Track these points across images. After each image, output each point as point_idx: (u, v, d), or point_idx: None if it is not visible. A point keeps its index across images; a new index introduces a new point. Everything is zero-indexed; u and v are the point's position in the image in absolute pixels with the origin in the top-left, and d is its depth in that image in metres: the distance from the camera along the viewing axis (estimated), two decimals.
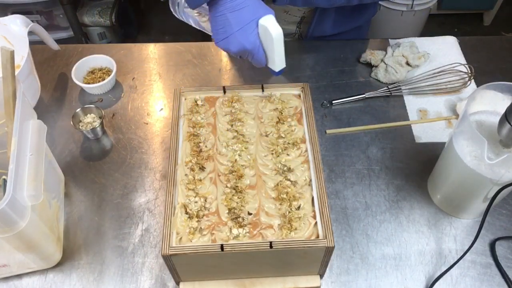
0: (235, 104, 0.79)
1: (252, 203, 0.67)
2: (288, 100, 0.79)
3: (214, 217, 0.66)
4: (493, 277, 0.75)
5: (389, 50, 1.05)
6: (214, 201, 0.68)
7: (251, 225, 0.65)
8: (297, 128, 0.76)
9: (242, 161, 0.72)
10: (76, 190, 0.86)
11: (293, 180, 0.69)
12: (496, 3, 2.39)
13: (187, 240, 0.64)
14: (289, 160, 0.72)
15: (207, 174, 0.71)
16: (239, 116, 0.77)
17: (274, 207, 0.67)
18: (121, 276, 0.76)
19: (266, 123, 0.77)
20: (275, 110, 0.78)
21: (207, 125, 0.77)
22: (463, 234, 0.80)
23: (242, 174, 0.70)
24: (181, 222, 0.65)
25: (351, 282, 0.75)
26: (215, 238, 0.64)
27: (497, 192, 0.68)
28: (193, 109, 0.79)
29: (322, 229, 0.63)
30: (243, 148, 0.73)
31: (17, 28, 0.96)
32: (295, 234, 0.64)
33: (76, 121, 0.93)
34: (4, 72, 0.67)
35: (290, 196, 0.67)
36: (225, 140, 0.74)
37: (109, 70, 1.04)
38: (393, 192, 0.85)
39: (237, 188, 0.69)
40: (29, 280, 0.75)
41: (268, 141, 0.74)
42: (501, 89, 0.71)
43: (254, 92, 0.81)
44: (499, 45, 1.13)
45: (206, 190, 0.69)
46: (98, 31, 2.20)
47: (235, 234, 0.64)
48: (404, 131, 0.95)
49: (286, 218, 0.65)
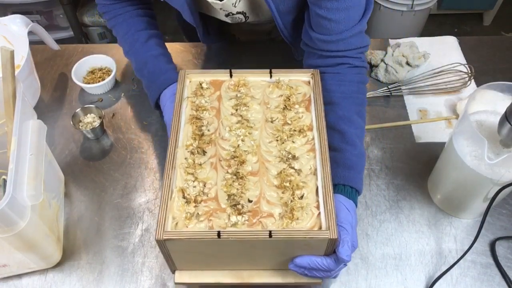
0: (242, 88, 0.76)
1: (253, 190, 0.65)
2: (296, 86, 0.76)
3: (212, 203, 0.63)
4: (493, 277, 0.75)
5: (389, 50, 1.05)
6: (214, 187, 0.65)
7: (250, 213, 0.62)
8: (304, 115, 0.72)
9: (245, 146, 0.69)
10: (76, 190, 0.86)
11: (297, 169, 0.66)
12: (496, 3, 2.39)
13: (183, 226, 0.61)
14: (294, 147, 0.69)
15: (208, 158, 0.68)
16: (245, 100, 0.74)
17: (276, 195, 0.64)
18: (121, 276, 0.76)
19: (273, 108, 0.74)
20: (283, 96, 0.75)
21: (211, 108, 0.74)
22: (463, 234, 0.80)
23: (244, 160, 0.67)
24: (178, 207, 0.62)
25: (351, 282, 0.75)
26: (213, 224, 0.61)
27: (497, 192, 0.68)
28: (198, 92, 0.76)
29: (326, 220, 0.60)
30: (246, 134, 0.70)
31: (17, 28, 0.96)
32: (296, 224, 0.61)
33: (76, 121, 0.93)
34: (4, 72, 0.67)
35: (293, 185, 0.65)
36: (228, 124, 0.72)
37: (109, 70, 1.04)
38: (393, 192, 0.85)
39: (238, 174, 0.66)
40: (29, 280, 0.75)
41: (274, 127, 0.71)
42: (501, 89, 0.71)
43: (261, 77, 0.78)
44: (499, 45, 1.13)
45: (205, 175, 0.66)
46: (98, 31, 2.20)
47: (234, 221, 0.61)
48: (404, 131, 0.95)
49: (288, 207, 0.62)
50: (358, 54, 0.78)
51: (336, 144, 0.73)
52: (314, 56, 0.81)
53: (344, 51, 0.77)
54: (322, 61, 0.79)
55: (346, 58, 0.77)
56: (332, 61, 0.78)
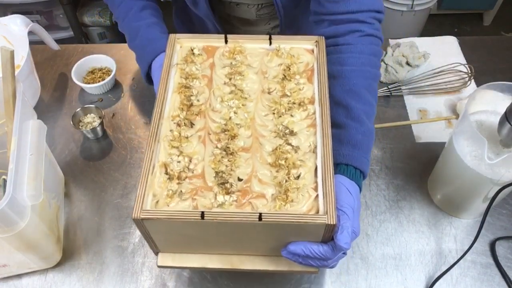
0: (237, 56, 0.69)
1: (244, 167, 0.58)
2: (298, 55, 0.69)
3: (198, 181, 0.57)
4: (493, 277, 0.75)
5: (389, 50, 1.05)
6: (201, 162, 0.59)
7: (240, 193, 0.56)
8: (305, 87, 0.65)
9: (238, 119, 0.62)
10: (76, 190, 0.86)
11: (294, 145, 0.60)
12: (496, 3, 2.39)
13: (164, 204, 0.55)
14: (293, 122, 0.62)
15: (196, 131, 0.62)
16: (240, 69, 0.67)
17: (269, 174, 0.58)
18: (121, 276, 0.76)
19: (271, 79, 0.67)
20: (282, 65, 0.68)
21: (202, 77, 0.67)
22: (463, 234, 0.80)
23: (235, 134, 0.61)
24: (159, 183, 0.56)
25: (351, 282, 0.75)
26: (197, 204, 0.55)
27: (497, 192, 0.68)
28: (188, 59, 0.68)
29: (324, 203, 0.54)
30: (240, 105, 0.63)
31: (17, 28, 0.96)
32: (290, 206, 0.55)
33: (76, 121, 0.93)
34: (4, 72, 0.67)
35: (289, 163, 0.58)
36: (220, 94, 0.65)
37: (109, 70, 1.04)
38: (393, 192, 0.85)
39: (229, 149, 0.59)
40: (29, 280, 0.75)
41: (271, 99, 0.64)
42: (501, 89, 0.71)
43: (260, 44, 0.70)
44: (499, 45, 1.13)
45: (192, 149, 0.60)
46: (98, 31, 2.19)
47: (220, 201, 0.55)
48: (404, 131, 0.95)
49: (282, 188, 0.56)
50: (371, 19, 0.71)
51: (340, 120, 0.66)
52: (323, 25, 0.74)
53: (356, 13, 0.70)
54: (332, 30, 0.72)
55: (358, 23, 0.70)
56: (343, 29, 0.71)
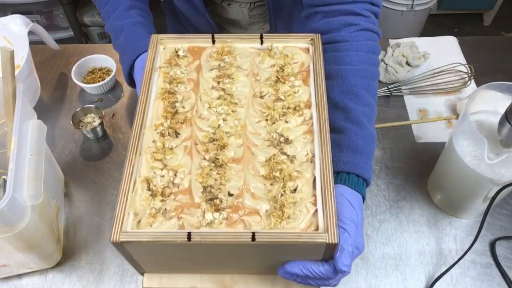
0: (226, 57, 0.63)
1: (235, 181, 0.53)
2: (292, 54, 0.64)
3: (184, 197, 0.52)
4: (493, 277, 0.75)
5: (389, 50, 1.05)
6: (187, 176, 0.54)
7: (231, 209, 0.51)
8: (301, 90, 0.60)
9: (227, 127, 0.57)
10: (76, 190, 0.86)
11: (290, 155, 0.55)
12: (496, 3, 2.39)
13: (147, 224, 0.50)
14: (288, 129, 0.57)
15: (181, 141, 0.57)
16: (229, 71, 0.62)
17: (263, 187, 0.53)
18: (121, 276, 0.76)
19: (263, 81, 0.62)
20: (275, 66, 0.63)
21: (188, 81, 0.62)
22: (463, 234, 0.80)
23: (225, 144, 0.56)
24: (141, 201, 0.52)
25: (351, 282, 0.75)
26: (183, 223, 0.50)
27: (497, 192, 0.68)
28: (172, 61, 0.63)
29: (324, 219, 0.49)
30: (229, 111, 0.59)
31: (17, 28, 0.96)
32: (287, 224, 0.50)
33: (76, 121, 0.93)
34: (4, 72, 0.67)
35: (284, 175, 0.53)
36: (208, 100, 0.60)
37: (109, 70, 1.04)
38: (393, 192, 0.85)
39: (218, 161, 0.54)
40: (29, 280, 0.75)
41: (263, 103, 0.59)
42: (501, 89, 0.71)
43: (250, 44, 0.65)
44: (499, 45, 1.12)
45: (177, 161, 0.55)
46: (98, 31, 2.20)
47: (209, 219, 0.50)
48: (404, 131, 0.95)
49: (277, 203, 0.51)
50: (367, 11, 0.67)
51: (339, 124, 0.61)
52: (316, 18, 0.69)
53: (350, 3, 0.66)
54: (326, 23, 0.67)
55: (353, 16, 0.66)
56: (337, 22, 0.67)
